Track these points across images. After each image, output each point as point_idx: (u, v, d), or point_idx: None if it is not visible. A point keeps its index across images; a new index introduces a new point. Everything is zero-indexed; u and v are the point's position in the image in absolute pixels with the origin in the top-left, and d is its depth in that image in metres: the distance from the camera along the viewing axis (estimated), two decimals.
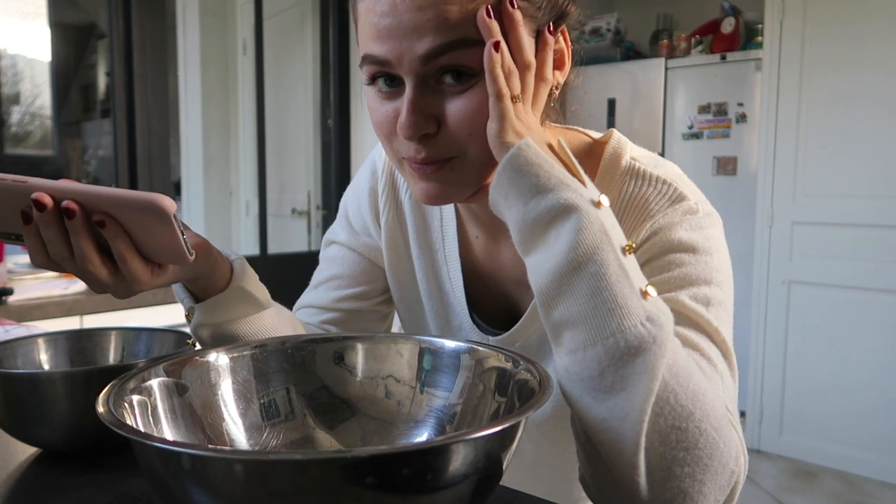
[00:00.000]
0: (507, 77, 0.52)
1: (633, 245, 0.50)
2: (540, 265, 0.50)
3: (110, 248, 0.52)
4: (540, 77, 0.57)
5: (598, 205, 0.49)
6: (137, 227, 0.51)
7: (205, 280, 0.62)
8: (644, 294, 0.48)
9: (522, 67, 0.54)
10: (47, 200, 0.49)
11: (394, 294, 0.82)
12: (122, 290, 0.55)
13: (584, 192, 0.50)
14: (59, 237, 0.51)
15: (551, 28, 0.57)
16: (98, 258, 0.52)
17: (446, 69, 0.53)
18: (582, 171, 0.52)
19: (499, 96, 0.52)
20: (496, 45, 0.51)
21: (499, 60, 0.52)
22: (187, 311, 0.65)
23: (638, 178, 0.63)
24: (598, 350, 0.47)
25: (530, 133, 0.52)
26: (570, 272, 0.48)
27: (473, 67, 0.53)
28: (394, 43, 0.53)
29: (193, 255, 0.54)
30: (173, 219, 0.50)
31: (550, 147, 0.54)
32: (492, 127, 0.52)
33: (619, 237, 0.50)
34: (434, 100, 0.55)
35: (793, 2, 2.70)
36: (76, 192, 0.50)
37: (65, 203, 0.50)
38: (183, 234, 0.52)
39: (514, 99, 0.53)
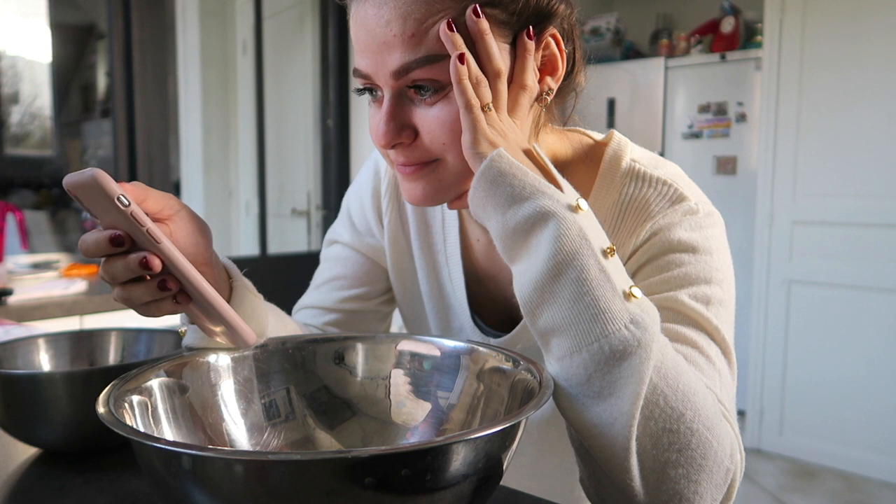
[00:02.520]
0: (476, 87, 0.52)
1: (615, 247, 0.50)
2: (523, 274, 0.50)
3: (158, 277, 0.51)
4: (519, 84, 0.56)
5: (576, 209, 0.49)
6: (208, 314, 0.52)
7: None
8: (628, 296, 0.48)
9: (492, 76, 0.54)
10: (156, 268, 0.47)
11: (397, 294, 0.82)
12: (134, 307, 0.53)
13: (561, 197, 0.49)
14: (128, 275, 0.49)
15: (531, 33, 0.56)
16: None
17: (418, 82, 0.54)
18: (559, 176, 0.52)
19: (468, 108, 0.52)
20: (461, 58, 0.52)
21: (465, 72, 0.52)
22: (181, 329, 0.64)
23: (638, 179, 0.63)
24: (584, 356, 0.47)
25: (504, 141, 0.52)
26: (551, 279, 0.48)
27: (443, 81, 0.54)
28: (371, 57, 0.55)
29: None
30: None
31: (528, 153, 0.54)
32: (465, 138, 0.53)
33: (599, 240, 0.49)
34: (409, 110, 0.56)
35: (792, 1, 2.70)
36: (185, 277, 0.49)
37: (167, 279, 0.49)
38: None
39: (485, 108, 0.53)
